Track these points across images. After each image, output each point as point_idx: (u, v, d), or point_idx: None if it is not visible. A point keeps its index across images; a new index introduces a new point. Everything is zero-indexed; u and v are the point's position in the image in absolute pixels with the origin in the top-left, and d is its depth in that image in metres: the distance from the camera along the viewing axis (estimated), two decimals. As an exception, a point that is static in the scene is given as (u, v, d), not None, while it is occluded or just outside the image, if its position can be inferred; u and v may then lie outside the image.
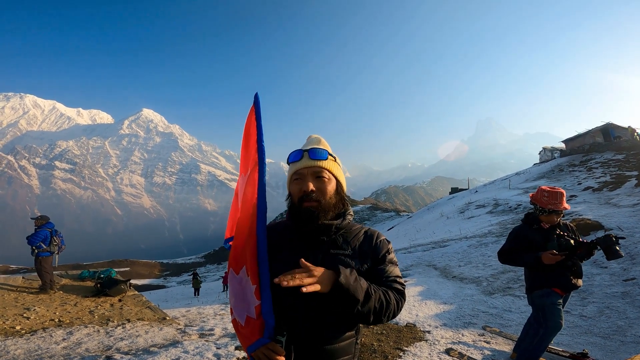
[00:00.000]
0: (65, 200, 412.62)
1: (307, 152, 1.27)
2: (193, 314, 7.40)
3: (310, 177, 1.24)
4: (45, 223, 6.59)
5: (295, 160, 1.27)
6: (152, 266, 58.79)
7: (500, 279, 6.91)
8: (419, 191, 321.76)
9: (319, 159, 1.25)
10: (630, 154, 22.87)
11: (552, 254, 2.66)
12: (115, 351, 4.03)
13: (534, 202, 2.95)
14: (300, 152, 1.28)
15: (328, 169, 1.27)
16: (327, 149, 1.31)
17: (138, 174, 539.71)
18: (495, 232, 12.17)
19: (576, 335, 4.19)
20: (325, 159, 1.26)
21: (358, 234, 1.32)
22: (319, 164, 1.25)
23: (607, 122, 30.99)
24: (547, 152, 45.42)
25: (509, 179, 30.29)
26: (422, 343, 4.12)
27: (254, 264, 1.19)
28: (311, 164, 1.25)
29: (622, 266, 5.98)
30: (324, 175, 1.25)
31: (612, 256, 2.55)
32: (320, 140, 1.35)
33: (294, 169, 1.27)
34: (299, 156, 1.27)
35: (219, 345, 4.26)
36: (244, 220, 1.27)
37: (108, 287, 6.80)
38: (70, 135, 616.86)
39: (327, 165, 1.27)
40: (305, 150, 1.27)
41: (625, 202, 11.26)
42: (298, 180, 1.26)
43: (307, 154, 1.26)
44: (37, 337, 4.38)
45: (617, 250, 2.54)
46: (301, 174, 1.25)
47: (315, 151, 1.26)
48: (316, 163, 1.25)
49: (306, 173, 1.25)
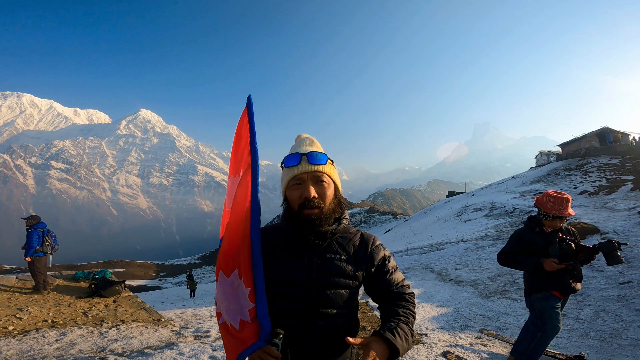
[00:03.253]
0: (61, 200, 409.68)
1: (305, 156, 1.21)
2: (189, 315, 7.33)
3: (311, 183, 1.20)
4: (36, 223, 6.51)
5: (293, 164, 1.21)
6: (147, 267, 58.42)
7: (497, 282, 6.91)
8: (416, 194, 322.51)
9: (319, 164, 1.21)
10: (626, 158, 23.03)
11: (555, 262, 2.66)
12: (109, 353, 3.98)
13: (539, 206, 2.92)
14: (299, 155, 1.21)
15: (327, 174, 1.23)
16: (321, 150, 1.27)
17: (135, 175, 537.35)
18: (491, 235, 12.19)
19: (572, 338, 4.18)
20: (324, 163, 1.22)
21: (353, 239, 1.29)
22: (319, 168, 1.20)
23: (603, 126, 31.21)
24: (543, 156, 45.67)
25: (506, 183, 30.41)
26: (419, 346, 4.11)
27: (248, 267, 1.17)
28: (311, 168, 1.19)
29: (618, 269, 6.00)
30: (324, 180, 1.21)
31: (612, 261, 2.54)
32: (313, 142, 1.31)
33: (292, 173, 1.21)
34: (297, 160, 1.21)
35: (215, 347, 4.22)
36: (235, 223, 1.24)
37: (102, 288, 6.73)
38: (66, 135, 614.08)
39: (327, 169, 1.22)
40: (304, 154, 1.21)
41: (621, 206, 11.32)
42: (297, 185, 1.20)
43: (306, 158, 1.20)
44: (29, 337, 4.32)
45: (617, 255, 2.54)
46: (301, 179, 1.20)
47: (315, 155, 1.21)
48: (316, 168, 1.20)
49: (306, 178, 1.19)
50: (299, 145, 1.29)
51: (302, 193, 1.18)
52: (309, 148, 1.26)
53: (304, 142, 1.31)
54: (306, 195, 1.17)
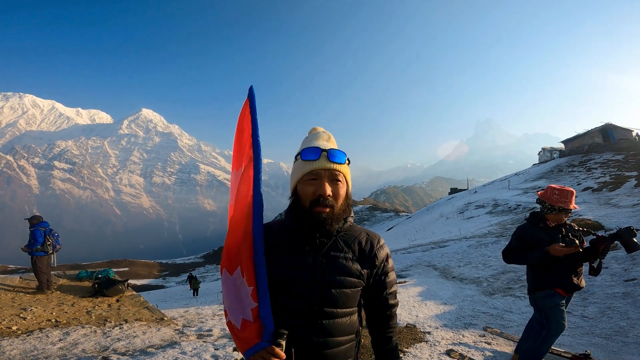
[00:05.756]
0: (64, 200, 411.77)
1: (326, 152, 1.17)
2: (191, 314, 7.34)
3: (327, 180, 1.16)
4: (37, 222, 6.53)
5: (312, 159, 1.16)
6: (151, 266, 58.62)
7: (501, 280, 6.88)
8: (419, 192, 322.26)
9: (339, 163, 1.18)
10: (630, 154, 22.87)
11: (560, 246, 2.62)
12: (112, 352, 3.98)
13: (543, 200, 2.88)
14: (319, 150, 1.17)
15: (344, 173, 1.20)
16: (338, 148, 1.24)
17: (137, 174, 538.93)
18: (494, 232, 12.15)
19: (578, 336, 4.15)
20: (343, 163, 1.19)
21: (359, 237, 1.27)
22: (338, 167, 1.17)
23: (607, 123, 31.03)
24: (546, 152, 45.46)
25: (508, 180, 30.29)
26: (422, 344, 4.08)
27: (250, 265, 1.14)
28: (330, 166, 1.16)
29: (622, 266, 5.95)
30: (340, 180, 1.18)
31: (633, 248, 2.53)
32: (330, 137, 1.28)
33: (309, 168, 1.16)
34: (317, 155, 1.16)
35: (217, 346, 4.21)
36: (238, 219, 1.21)
37: (106, 288, 6.75)
38: (69, 135, 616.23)
39: (344, 169, 1.20)
40: (325, 150, 1.17)
41: (625, 203, 11.25)
42: (313, 181, 1.16)
43: (326, 154, 1.17)
44: (33, 337, 4.33)
45: (636, 242, 2.53)
46: (318, 174, 1.16)
47: (335, 153, 1.17)
48: (334, 166, 1.17)
49: (323, 175, 1.16)
50: (316, 139, 1.25)
51: (317, 190, 1.15)
52: (327, 144, 1.23)
53: (321, 136, 1.27)
54: (321, 192, 1.14)
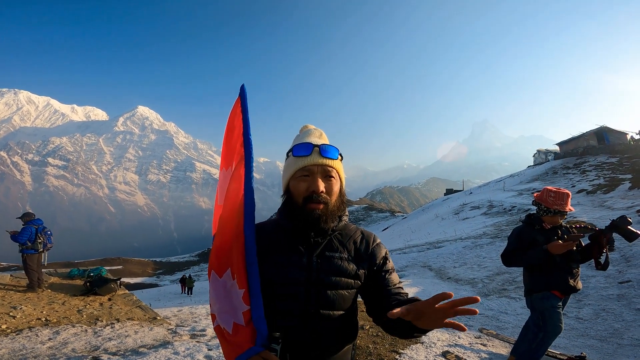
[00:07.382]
0: (58, 197, 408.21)
1: (317, 147, 1.14)
2: (185, 313, 7.27)
3: (320, 176, 1.13)
4: (30, 220, 6.42)
5: (304, 154, 1.13)
6: (145, 264, 58.21)
7: (496, 281, 6.88)
8: (414, 192, 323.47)
9: (331, 158, 1.14)
10: (624, 157, 23.08)
11: (559, 243, 2.60)
12: (102, 352, 3.91)
13: (539, 202, 2.88)
14: (311, 146, 1.14)
15: (337, 169, 1.16)
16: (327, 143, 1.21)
17: (132, 172, 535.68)
18: (490, 233, 12.19)
19: (573, 337, 4.15)
20: (336, 158, 1.16)
21: (354, 236, 1.23)
22: (331, 163, 1.14)
23: (601, 126, 31.30)
24: (541, 154, 45.82)
25: (504, 181, 30.47)
26: (418, 345, 4.05)
27: (242, 266, 1.09)
28: (322, 161, 1.12)
29: (617, 268, 5.98)
30: (333, 175, 1.14)
31: (633, 237, 2.50)
32: (322, 134, 1.24)
33: (301, 164, 1.13)
34: (309, 151, 1.13)
35: (211, 346, 4.16)
36: (227, 219, 1.16)
37: (98, 286, 6.65)
38: (64, 131, 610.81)
39: (337, 165, 1.16)
40: (316, 146, 1.14)
41: (619, 205, 11.34)
42: (305, 177, 1.13)
43: (318, 150, 1.14)
44: (22, 336, 4.25)
45: (634, 230, 2.50)
46: (310, 170, 1.12)
47: (327, 149, 1.14)
48: (327, 162, 1.13)
49: (315, 171, 1.12)
50: (308, 136, 1.22)
51: (310, 186, 1.11)
52: (319, 140, 1.19)
53: (313, 133, 1.23)
54: (314, 188, 1.10)
